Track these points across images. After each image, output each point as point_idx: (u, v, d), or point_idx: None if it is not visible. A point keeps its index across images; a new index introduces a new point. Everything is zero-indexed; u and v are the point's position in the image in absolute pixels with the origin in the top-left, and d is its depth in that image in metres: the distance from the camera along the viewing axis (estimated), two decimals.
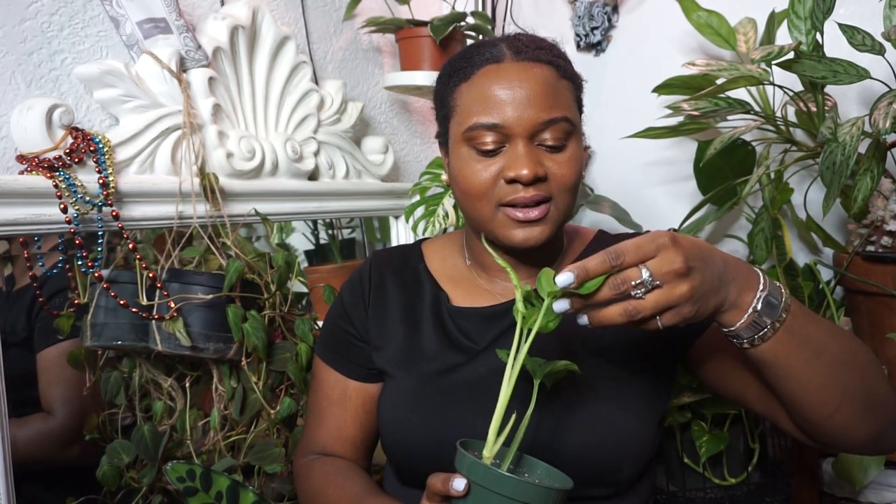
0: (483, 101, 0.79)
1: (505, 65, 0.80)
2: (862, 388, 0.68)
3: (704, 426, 1.27)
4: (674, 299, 0.59)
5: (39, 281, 1.09)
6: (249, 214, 1.21)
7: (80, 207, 0.95)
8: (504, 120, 0.77)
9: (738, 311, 0.63)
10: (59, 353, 1.10)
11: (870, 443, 0.71)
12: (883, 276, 1.18)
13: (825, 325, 0.69)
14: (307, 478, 0.90)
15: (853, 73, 1.06)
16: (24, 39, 1.00)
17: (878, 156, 1.07)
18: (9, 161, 0.97)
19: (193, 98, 1.13)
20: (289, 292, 1.19)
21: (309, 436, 0.95)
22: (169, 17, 1.11)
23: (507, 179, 0.78)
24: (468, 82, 0.82)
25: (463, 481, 0.63)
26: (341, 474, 0.88)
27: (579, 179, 0.82)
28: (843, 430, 0.69)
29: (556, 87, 0.80)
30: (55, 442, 1.11)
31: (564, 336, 0.82)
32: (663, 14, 1.59)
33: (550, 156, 0.79)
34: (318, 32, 1.48)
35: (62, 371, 1.08)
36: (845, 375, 0.67)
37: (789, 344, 0.65)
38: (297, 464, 0.95)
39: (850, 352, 0.69)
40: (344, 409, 0.92)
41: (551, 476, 0.69)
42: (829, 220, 1.41)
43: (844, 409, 0.68)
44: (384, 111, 1.67)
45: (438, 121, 0.89)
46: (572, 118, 0.80)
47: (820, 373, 0.66)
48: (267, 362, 1.13)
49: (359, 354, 0.92)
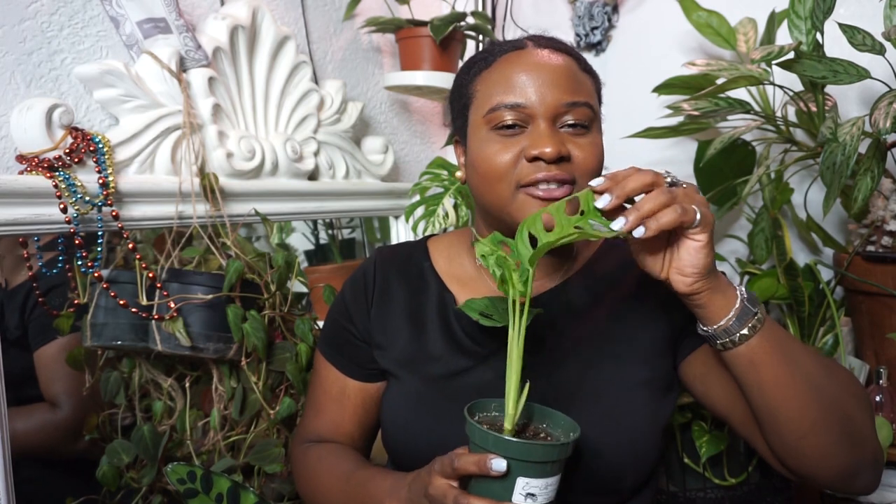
0: (505, 82, 0.78)
1: (527, 50, 0.80)
2: (838, 412, 0.68)
3: (705, 426, 1.27)
4: (691, 192, 0.64)
5: (34, 279, 1.09)
6: (249, 214, 1.21)
7: (79, 207, 0.95)
8: (527, 100, 0.77)
9: (725, 302, 0.67)
10: (57, 349, 1.10)
11: (844, 478, 0.70)
12: (883, 276, 1.18)
13: (800, 344, 0.71)
14: (303, 462, 0.90)
15: (853, 72, 1.06)
16: (24, 39, 0.99)
17: (878, 156, 1.07)
18: (9, 161, 0.97)
19: (193, 98, 1.13)
20: (289, 292, 1.19)
21: (306, 425, 0.95)
22: (169, 16, 1.11)
23: (530, 158, 0.76)
24: (489, 69, 0.81)
25: (503, 461, 0.62)
26: (334, 454, 0.88)
27: (601, 166, 0.81)
28: (816, 457, 0.69)
29: (577, 76, 0.80)
30: (61, 434, 1.11)
31: (572, 340, 0.82)
32: (663, 14, 1.59)
33: (573, 139, 0.78)
34: (318, 32, 1.48)
35: (62, 366, 1.08)
36: (821, 394, 0.68)
37: (767, 347, 0.67)
38: (293, 450, 0.95)
39: (828, 373, 0.70)
40: (342, 406, 0.92)
41: (564, 423, 0.69)
42: (830, 220, 1.41)
43: (819, 431, 0.68)
44: (384, 111, 1.67)
45: (455, 115, 0.87)
46: (594, 106, 0.80)
47: (795, 384, 0.67)
48: (267, 362, 1.13)
49: (359, 354, 0.91)
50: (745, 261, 1.41)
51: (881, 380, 1.19)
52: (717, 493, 1.30)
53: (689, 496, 1.32)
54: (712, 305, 0.67)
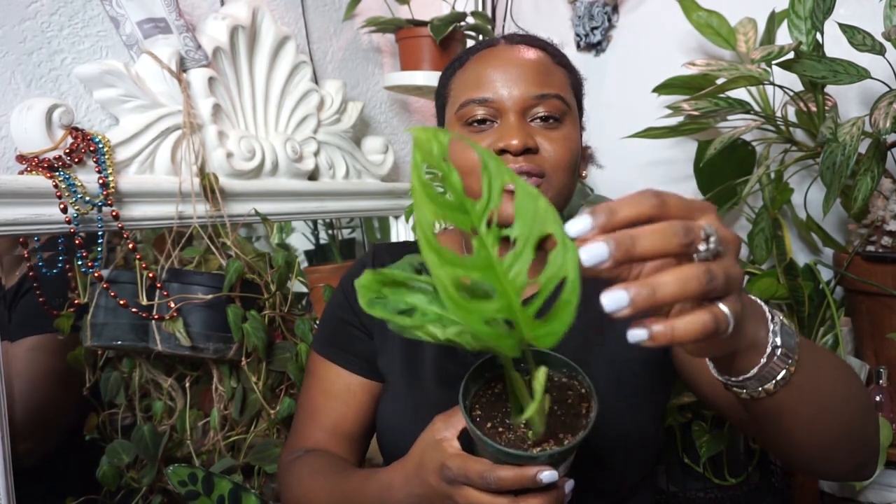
0: (475, 80, 0.79)
1: (498, 48, 0.81)
2: (855, 429, 0.60)
3: (705, 426, 1.27)
4: (737, 275, 0.42)
5: (33, 278, 1.07)
6: (249, 214, 1.21)
7: (79, 207, 0.95)
8: (495, 94, 0.77)
9: (755, 350, 0.49)
10: (27, 346, 1.06)
11: (850, 474, 0.66)
12: (883, 276, 1.18)
13: (829, 366, 0.57)
14: (289, 472, 0.86)
15: (853, 72, 1.06)
16: (24, 39, 0.99)
17: (878, 156, 1.07)
18: (9, 161, 0.97)
19: (193, 98, 1.13)
20: (289, 292, 1.19)
21: (296, 435, 0.91)
22: (169, 16, 1.11)
23: (497, 151, 0.76)
24: (462, 68, 0.82)
25: (552, 471, 0.56)
26: (323, 460, 0.84)
27: (574, 161, 0.79)
28: (825, 465, 0.63)
29: (549, 69, 0.80)
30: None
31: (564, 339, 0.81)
32: (663, 14, 1.59)
33: (544, 132, 0.77)
34: (318, 32, 1.48)
35: (26, 365, 1.04)
36: (842, 419, 0.58)
37: (796, 395, 0.52)
38: (281, 462, 0.91)
39: (847, 389, 0.59)
40: (345, 403, 0.88)
41: (562, 365, 0.64)
42: (830, 220, 1.41)
43: (834, 449, 0.60)
44: (384, 111, 1.67)
45: (437, 115, 0.89)
46: (567, 99, 0.79)
47: (819, 422, 0.56)
48: (267, 362, 1.13)
49: (361, 347, 0.88)
50: (745, 261, 1.41)
51: (881, 380, 1.19)
52: (717, 493, 1.30)
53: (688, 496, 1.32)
54: (730, 361, 0.50)
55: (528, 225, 0.44)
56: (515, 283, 0.46)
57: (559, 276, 0.42)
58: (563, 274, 0.42)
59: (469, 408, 0.61)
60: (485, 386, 0.63)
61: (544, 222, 0.44)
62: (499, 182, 0.47)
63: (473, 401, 0.62)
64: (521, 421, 0.58)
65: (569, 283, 0.42)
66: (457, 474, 0.60)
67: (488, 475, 0.57)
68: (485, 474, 0.57)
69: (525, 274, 0.45)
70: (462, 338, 0.47)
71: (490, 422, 0.59)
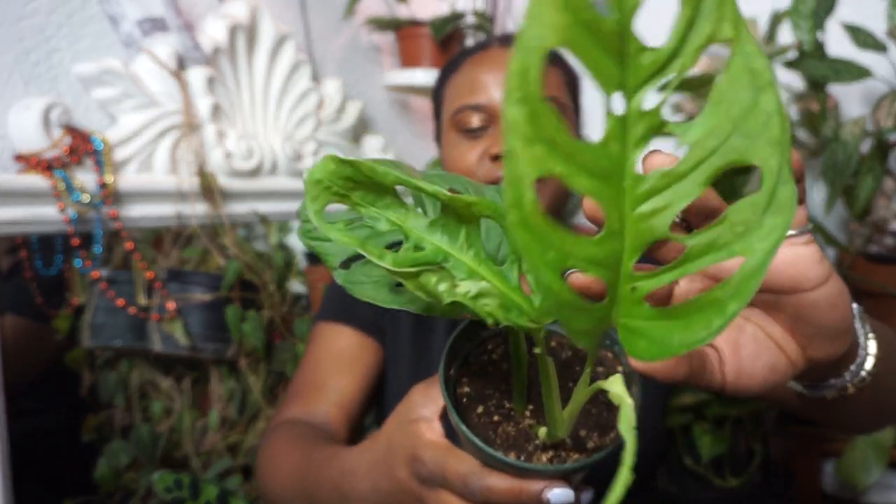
0: (469, 85, 0.79)
1: (491, 51, 0.81)
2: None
3: (706, 427, 1.26)
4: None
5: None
6: (249, 214, 1.21)
7: (78, 207, 0.95)
8: (489, 99, 0.77)
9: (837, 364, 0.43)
10: None
11: (877, 429, 0.62)
12: (886, 276, 1.17)
13: (891, 334, 0.52)
14: (269, 437, 0.73)
15: (855, 72, 1.05)
16: (22, 38, 0.99)
17: (880, 155, 1.06)
18: (6, 161, 0.96)
19: (192, 97, 1.13)
20: (288, 292, 1.19)
21: (290, 406, 0.78)
22: (167, 15, 1.10)
23: (493, 156, 0.76)
24: (456, 72, 0.82)
25: (569, 489, 0.41)
26: (303, 429, 0.71)
27: None
28: (877, 428, 0.60)
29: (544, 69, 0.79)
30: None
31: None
32: (663, 14, 1.58)
33: None
34: (317, 31, 1.47)
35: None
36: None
37: (866, 390, 0.47)
38: (269, 427, 0.78)
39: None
40: (356, 369, 0.79)
41: None
42: (832, 219, 1.41)
43: (878, 421, 0.58)
44: (384, 111, 1.67)
45: (434, 120, 0.89)
46: (562, 100, 0.79)
47: (877, 407, 0.52)
48: (266, 363, 1.12)
49: (373, 309, 0.80)
50: None
51: None
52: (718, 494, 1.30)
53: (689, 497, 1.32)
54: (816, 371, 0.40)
55: (725, 129, 0.23)
56: (642, 227, 0.26)
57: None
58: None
59: (454, 381, 0.43)
60: (478, 348, 0.45)
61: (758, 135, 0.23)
62: (703, 33, 0.24)
63: (461, 371, 0.43)
64: (526, 410, 0.42)
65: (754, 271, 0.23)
66: (432, 471, 0.44)
67: (473, 481, 0.41)
68: (469, 479, 0.41)
69: (669, 219, 0.26)
70: (484, 303, 0.28)
71: (482, 405, 0.42)
